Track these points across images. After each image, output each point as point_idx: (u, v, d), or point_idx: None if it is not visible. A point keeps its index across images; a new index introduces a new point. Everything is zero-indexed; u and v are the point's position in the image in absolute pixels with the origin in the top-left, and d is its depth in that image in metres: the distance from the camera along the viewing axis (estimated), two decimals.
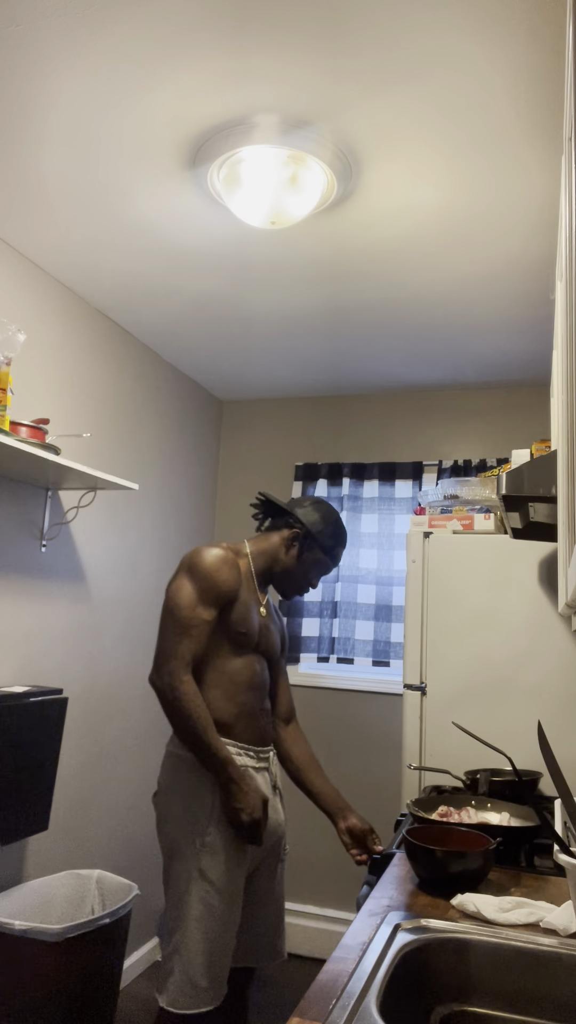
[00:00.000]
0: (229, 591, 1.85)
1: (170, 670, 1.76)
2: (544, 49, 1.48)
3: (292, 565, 2.00)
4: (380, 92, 1.62)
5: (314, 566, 2.02)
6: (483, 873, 1.41)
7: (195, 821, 1.77)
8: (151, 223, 2.21)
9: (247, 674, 1.90)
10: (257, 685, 1.93)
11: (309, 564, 2.01)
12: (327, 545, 2.01)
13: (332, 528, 2.01)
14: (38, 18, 1.47)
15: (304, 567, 2.01)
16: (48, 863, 2.51)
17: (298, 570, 2.00)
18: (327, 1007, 0.96)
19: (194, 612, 1.80)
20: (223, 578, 1.84)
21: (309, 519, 2.01)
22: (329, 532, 2.01)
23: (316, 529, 1.99)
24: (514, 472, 1.70)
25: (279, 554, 2.00)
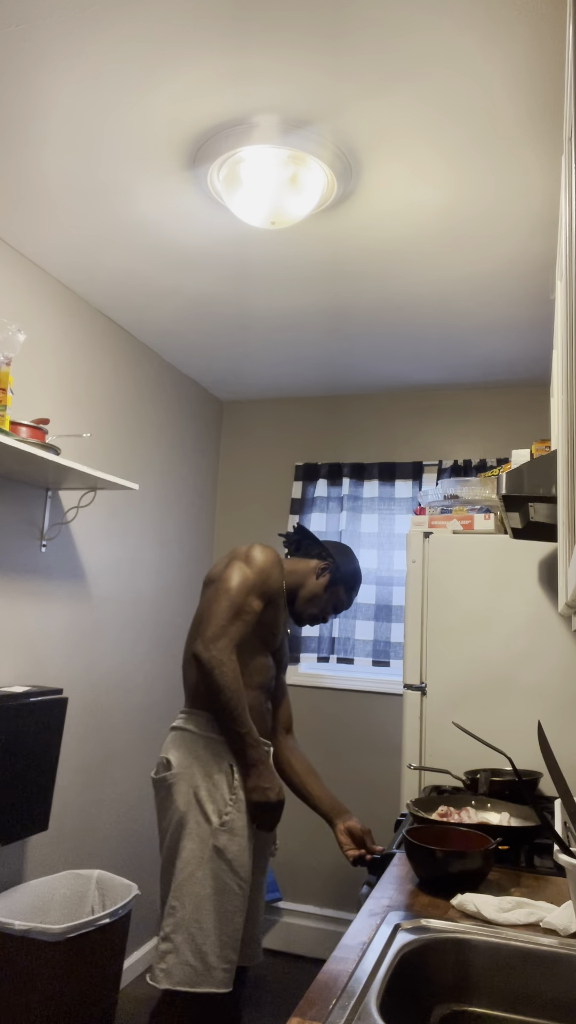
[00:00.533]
0: (275, 591, 1.98)
1: (221, 646, 1.83)
2: (544, 49, 1.48)
3: (318, 592, 2.11)
4: (380, 92, 1.62)
5: (334, 599, 2.14)
6: (483, 873, 1.41)
7: (212, 800, 1.81)
8: (151, 223, 2.21)
9: (263, 672, 2.00)
10: (268, 685, 2.03)
11: (331, 596, 2.13)
12: (350, 584, 2.14)
13: (356, 569, 2.17)
14: (38, 18, 1.47)
15: (327, 597, 2.13)
16: (48, 863, 2.51)
17: (321, 598, 2.12)
18: (327, 1007, 0.96)
19: (248, 598, 1.90)
20: (275, 577, 1.98)
21: (338, 555, 2.16)
22: (353, 572, 2.16)
23: (344, 567, 2.14)
24: (514, 472, 1.70)
25: (308, 579, 2.12)
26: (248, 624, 1.91)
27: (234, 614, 1.87)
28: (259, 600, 1.94)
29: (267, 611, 1.98)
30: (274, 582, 1.98)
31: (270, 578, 1.96)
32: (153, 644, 3.22)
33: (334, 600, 2.14)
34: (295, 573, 2.13)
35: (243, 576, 1.92)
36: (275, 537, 3.75)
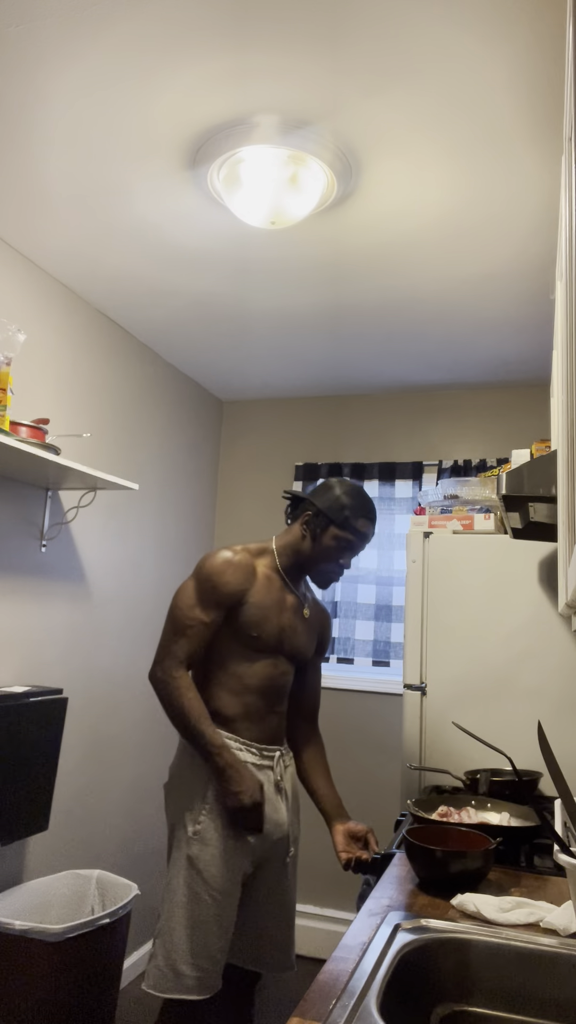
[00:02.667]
0: (232, 594, 1.83)
1: (164, 667, 1.80)
2: (545, 48, 1.48)
3: (313, 551, 1.92)
4: (380, 92, 1.62)
5: (336, 545, 1.90)
6: (483, 873, 1.41)
7: (189, 809, 1.80)
8: (151, 223, 2.21)
9: (260, 676, 1.88)
10: (271, 688, 1.90)
11: (329, 545, 1.90)
12: (342, 519, 1.88)
13: (348, 500, 1.90)
14: (38, 18, 1.47)
15: (324, 549, 1.91)
16: (48, 863, 2.51)
17: (320, 554, 1.91)
18: (327, 1007, 0.96)
19: (191, 613, 1.82)
20: (225, 580, 1.83)
21: (322, 497, 1.92)
22: (344, 505, 1.89)
23: (327, 505, 1.90)
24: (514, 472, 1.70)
25: (301, 545, 1.94)
26: (198, 638, 1.81)
27: (177, 632, 1.81)
28: (209, 611, 1.82)
29: (236, 616, 1.85)
30: (227, 585, 1.83)
31: (218, 585, 1.82)
32: (153, 644, 3.22)
33: (337, 547, 1.90)
34: (287, 548, 1.96)
35: (186, 592, 1.85)
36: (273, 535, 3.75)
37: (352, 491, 1.92)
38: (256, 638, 1.86)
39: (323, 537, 1.90)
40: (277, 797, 1.90)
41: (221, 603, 1.83)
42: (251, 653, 1.87)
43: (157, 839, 3.22)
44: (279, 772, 1.90)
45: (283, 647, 1.92)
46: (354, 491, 1.92)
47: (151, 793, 3.17)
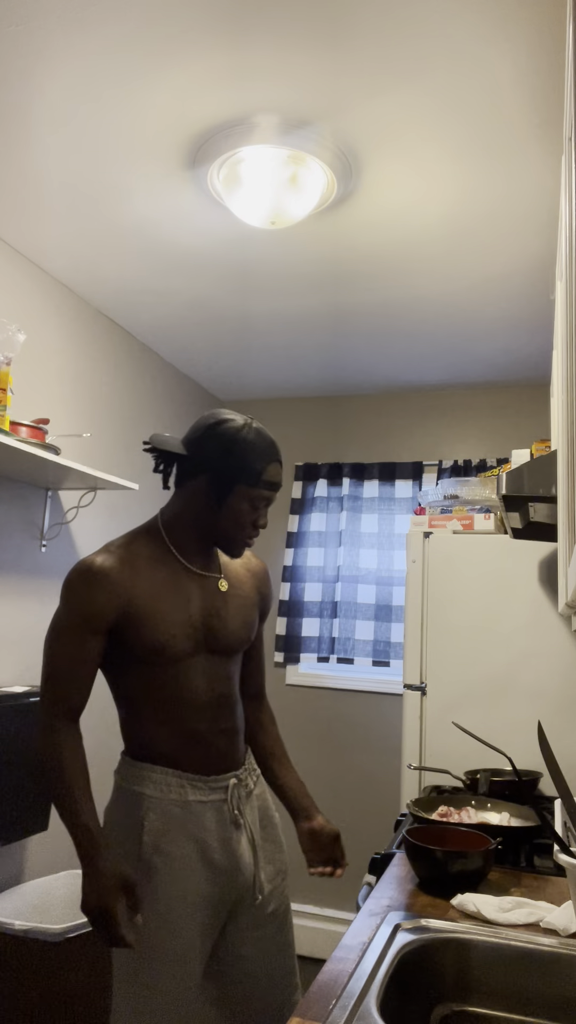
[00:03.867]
0: (103, 612, 1.41)
1: (42, 722, 1.43)
2: (545, 48, 1.48)
3: (220, 520, 1.49)
4: (380, 92, 1.62)
5: (249, 506, 1.49)
6: (483, 873, 1.41)
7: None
8: (151, 223, 2.21)
9: (188, 692, 1.48)
10: (208, 702, 1.50)
11: (240, 507, 1.48)
12: (253, 474, 1.46)
13: (248, 447, 1.46)
14: (38, 18, 1.47)
15: (236, 514, 1.49)
16: (48, 863, 2.51)
17: (232, 522, 1.49)
18: (327, 1007, 0.96)
19: (61, 649, 1.42)
20: (90, 598, 1.41)
21: (212, 451, 1.46)
22: (247, 455, 1.45)
23: (227, 461, 1.45)
24: (514, 472, 1.70)
25: (199, 513, 1.51)
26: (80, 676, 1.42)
27: (51, 675, 1.42)
28: (85, 639, 1.41)
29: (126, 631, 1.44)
30: (93, 603, 1.40)
31: (81, 605, 1.40)
32: None
33: (247, 508, 1.49)
34: (178, 521, 1.53)
35: (53, 623, 1.45)
36: (275, 537, 3.75)
37: (249, 434, 1.47)
38: (162, 648, 1.44)
39: (230, 500, 1.47)
40: (237, 834, 1.50)
41: (96, 627, 1.42)
42: (166, 668, 1.47)
43: None
44: (235, 804, 1.51)
45: (205, 645, 1.51)
46: (252, 432, 1.47)
47: None
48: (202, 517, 1.51)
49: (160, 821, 1.42)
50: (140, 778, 1.46)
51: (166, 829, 1.42)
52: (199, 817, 1.45)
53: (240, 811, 1.52)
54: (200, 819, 1.45)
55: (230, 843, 1.48)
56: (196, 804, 1.46)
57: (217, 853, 1.45)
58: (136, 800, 1.45)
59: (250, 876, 1.51)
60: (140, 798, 1.45)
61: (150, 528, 1.55)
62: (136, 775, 1.47)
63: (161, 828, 1.42)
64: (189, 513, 1.52)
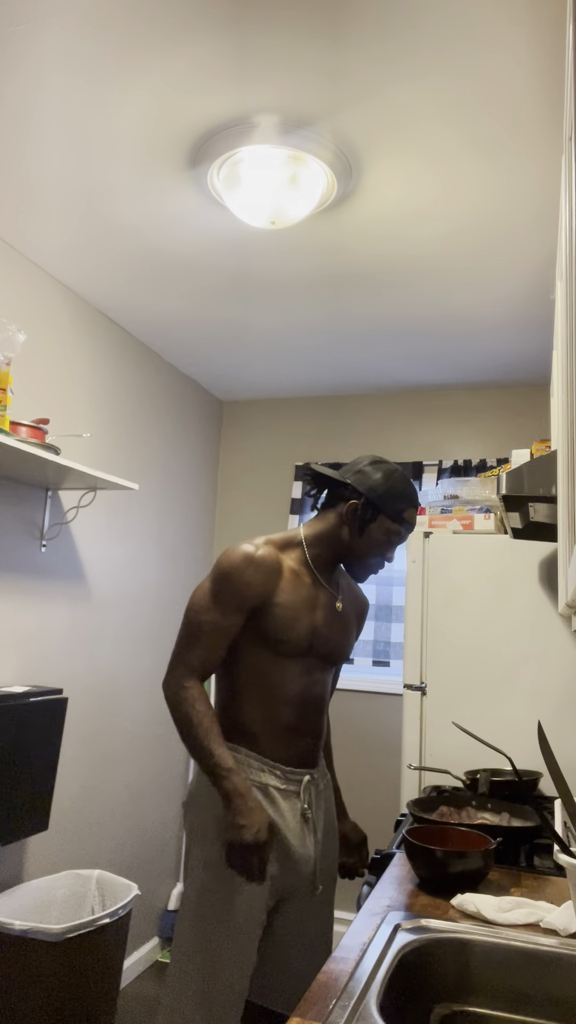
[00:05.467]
0: (255, 595, 1.61)
1: (175, 675, 1.61)
2: (545, 48, 1.48)
3: (357, 544, 1.68)
4: (380, 92, 1.62)
5: (385, 538, 1.68)
6: (483, 873, 1.41)
7: (203, 835, 1.59)
8: (151, 223, 2.21)
9: (292, 686, 1.65)
10: (303, 700, 1.66)
11: (378, 538, 1.67)
12: (395, 510, 1.66)
13: (398, 487, 1.67)
14: (38, 18, 1.47)
15: (372, 543, 1.68)
16: (48, 863, 2.51)
17: (366, 548, 1.68)
18: (327, 1007, 0.96)
19: (207, 616, 1.61)
20: (246, 580, 1.60)
21: (367, 483, 1.67)
22: (395, 494, 1.66)
23: (377, 494, 1.65)
24: (514, 472, 1.70)
25: (340, 534, 1.70)
26: (214, 644, 1.60)
27: (190, 637, 1.61)
28: (229, 613, 1.60)
29: (260, 618, 1.62)
30: (248, 586, 1.60)
31: (238, 584, 1.59)
32: (153, 644, 3.22)
33: (386, 539, 1.68)
34: (320, 539, 1.71)
35: (200, 592, 1.63)
36: None
37: (400, 477, 1.69)
38: (284, 642, 1.63)
39: (371, 529, 1.67)
40: (303, 828, 1.64)
41: (242, 605, 1.61)
42: (279, 659, 1.65)
43: (157, 839, 3.22)
44: (307, 799, 1.65)
45: (315, 650, 1.68)
46: (402, 477, 1.69)
47: (151, 793, 3.17)
48: (341, 541, 1.70)
49: None
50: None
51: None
52: (275, 801, 1.60)
53: (310, 806, 1.66)
54: (276, 803, 1.60)
55: (299, 832, 1.62)
56: (273, 789, 1.61)
57: (288, 838, 1.59)
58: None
59: (310, 869, 1.64)
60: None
61: (294, 539, 1.73)
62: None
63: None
64: (330, 534, 1.71)
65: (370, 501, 1.66)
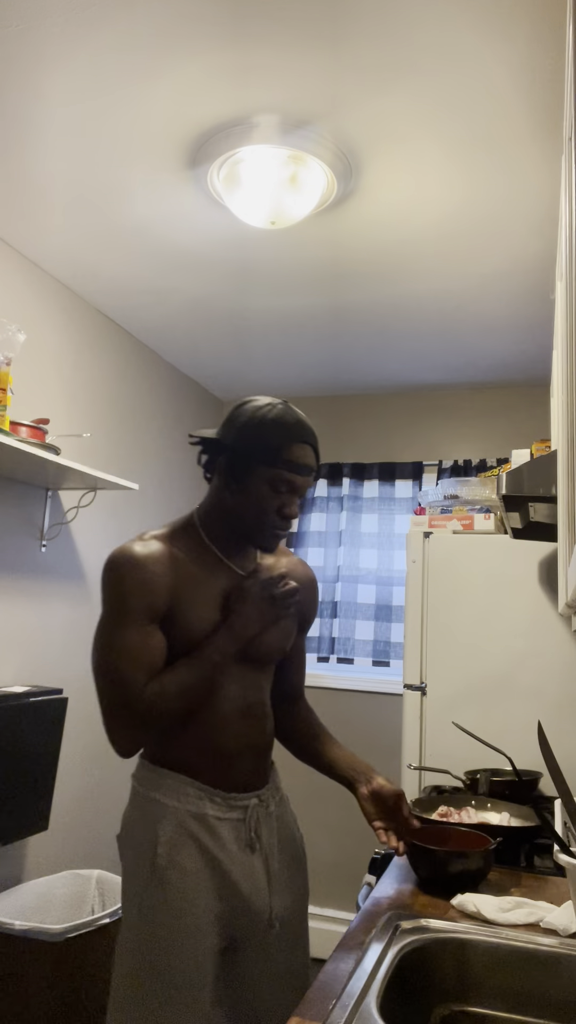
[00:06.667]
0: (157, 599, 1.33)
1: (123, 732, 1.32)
2: (545, 48, 1.48)
3: (242, 506, 1.38)
4: (380, 92, 1.62)
5: (269, 490, 1.36)
6: (483, 873, 1.41)
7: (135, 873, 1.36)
8: (151, 223, 2.21)
9: (220, 699, 1.39)
10: (240, 711, 1.41)
11: (260, 491, 1.36)
12: (269, 452, 1.33)
13: (269, 425, 1.34)
14: (38, 18, 1.47)
15: (256, 499, 1.36)
16: (48, 863, 2.51)
17: (252, 507, 1.37)
18: (327, 1007, 0.96)
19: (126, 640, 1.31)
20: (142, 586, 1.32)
21: (232, 430, 1.37)
22: (266, 432, 1.34)
23: (244, 439, 1.35)
24: (514, 472, 1.70)
25: (223, 501, 1.40)
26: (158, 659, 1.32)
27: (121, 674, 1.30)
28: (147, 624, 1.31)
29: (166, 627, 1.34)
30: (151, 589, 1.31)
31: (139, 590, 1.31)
32: None
33: (267, 491, 1.35)
34: (213, 510, 1.43)
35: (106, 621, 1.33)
36: None
37: (273, 411, 1.36)
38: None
39: (249, 483, 1.36)
40: (251, 859, 1.39)
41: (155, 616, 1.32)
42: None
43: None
44: (253, 826, 1.40)
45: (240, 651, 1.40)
46: (276, 411, 1.36)
47: None
48: (228, 506, 1.40)
49: (175, 831, 1.34)
50: (157, 784, 1.38)
51: (181, 841, 1.34)
52: (215, 832, 1.36)
53: (257, 834, 1.41)
54: (216, 835, 1.36)
55: (245, 865, 1.38)
56: (213, 819, 1.37)
57: (232, 873, 1.35)
58: (152, 808, 1.37)
59: (263, 904, 1.39)
60: (156, 806, 1.37)
61: (186, 522, 1.45)
62: (153, 781, 1.39)
63: (176, 839, 1.33)
64: (218, 503, 1.42)
65: (237, 450, 1.35)
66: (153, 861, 1.33)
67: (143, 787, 1.40)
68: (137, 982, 1.28)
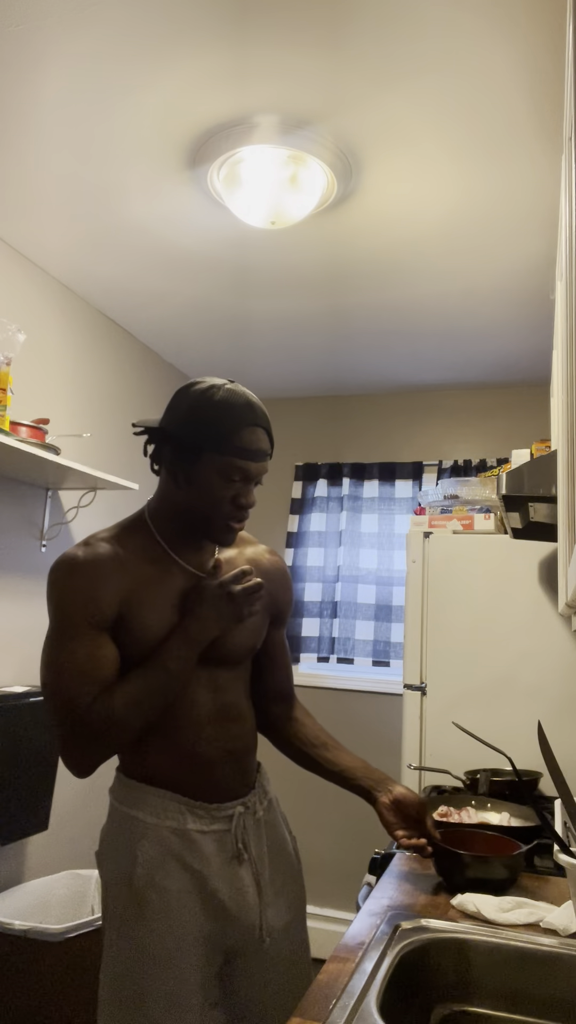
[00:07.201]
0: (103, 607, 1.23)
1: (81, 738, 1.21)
2: (546, 48, 1.48)
3: (192, 498, 1.28)
4: (380, 92, 1.62)
5: (221, 479, 1.25)
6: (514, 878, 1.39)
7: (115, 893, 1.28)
8: (151, 223, 2.21)
9: (185, 701, 1.30)
10: (213, 715, 1.33)
11: (212, 480, 1.26)
12: (218, 439, 1.23)
13: (217, 409, 1.23)
14: (38, 18, 1.47)
15: (208, 489, 1.26)
16: (48, 863, 2.51)
17: (204, 499, 1.27)
18: (327, 1007, 0.96)
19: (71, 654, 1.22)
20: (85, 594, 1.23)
21: (176, 418, 1.26)
22: (212, 418, 1.23)
23: (190, 427, 1.24)
24: (514, 472, 1.70)
25: (172, 494, 1.31)
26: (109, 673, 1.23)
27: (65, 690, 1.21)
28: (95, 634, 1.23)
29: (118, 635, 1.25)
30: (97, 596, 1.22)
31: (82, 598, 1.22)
32: None
33: (217, 480, 1.25)
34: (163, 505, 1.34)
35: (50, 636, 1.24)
36: (275, 537, 3.75)
37: (219, 394, 1.25)
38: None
39: (199, 472, 1.26)
40: (239, 872, 1.31)
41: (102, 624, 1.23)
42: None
43: None
44: (239, 835, 1.33)
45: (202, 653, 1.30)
46: (221, 391, 1.25)
47: None
48: (178, 500, 1.30)
49: (155, 850, 1.26)
50: (134, 800, 1.30)
51: (161, 860, 1.26)
52: (198, 848, 1.28)
53: (245, 844, 1.33)
54: (199, 850, 1.28)
55: (232, 879, 1.30)
56: (195, 833, 1.29)
57: (218, 889, 1.28)
58: (130, 825, 1.29)
59: (254, 917, 1.32)
60: (134, 823, 1.29)
61: (136, 519, 1.35)
62: (130, 796, 1.31)
63: (156, 858, 1.26)
64: (169, 497, 1.32)
65: (182, 438, 1.25)
66: (132, 882, 1.25)
67: (120, 803, 1.33)
68: (121, 1009, 1.21)
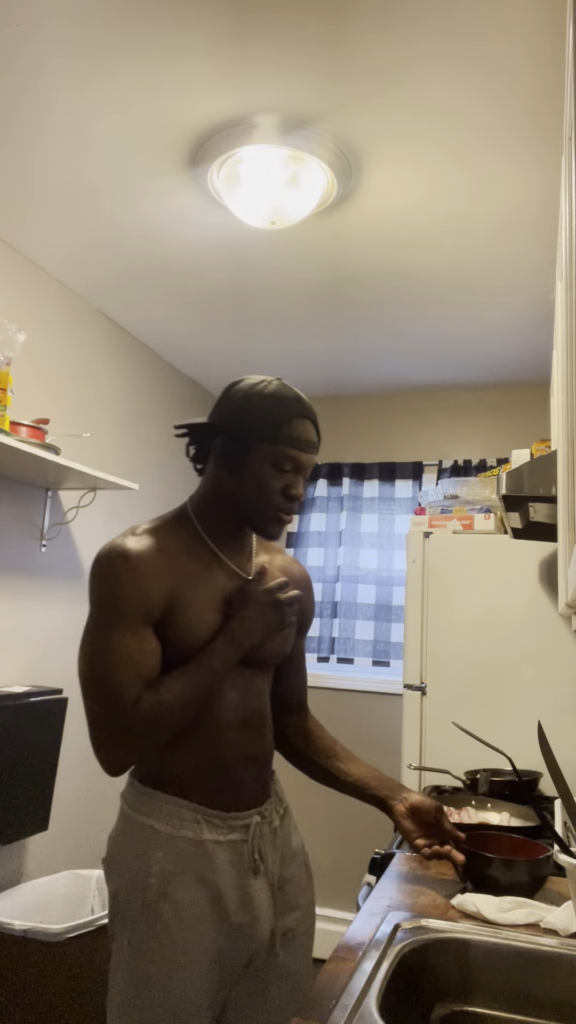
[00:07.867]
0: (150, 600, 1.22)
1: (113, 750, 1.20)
2: (545, 48, 1.48)
3: (242, 489, 1.29)
4: (380, 92, 1.62)
5: (272, 469, 1.27)
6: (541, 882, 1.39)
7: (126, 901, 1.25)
8: (151, 223, 2.21)
9: (220, 708, 1.28)
10: (241, 720, 1.30)
11: (263, 471, 1.27)
12: (269, 429, 1.26)
13: (267, 401, 1.27)
14: (38, 18, 1.47)
15: (259, 480, 1.27)
16: (48, 863, 2.51)
17: (255, 490, 1.28)
18: (327, 1007, 0.96)
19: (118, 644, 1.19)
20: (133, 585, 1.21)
21: (227, 411, 1.29)
22: (263, 408, 1.26)
23: (240, 418, 1.27)
24: (514, 472, 1.70)
25: (221, 487, 1.31)
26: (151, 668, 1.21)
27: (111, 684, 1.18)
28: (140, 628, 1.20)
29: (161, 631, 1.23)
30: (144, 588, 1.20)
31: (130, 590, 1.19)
32: None
33: (271, 471, 1.27)
34: (207, 500, 1.34)
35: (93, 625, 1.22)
36: None
37: (268, 389, 1.28)
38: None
39: (250, 463, 1.27)
40: (254, 883, 1.28)
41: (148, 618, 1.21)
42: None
43: None
44: (256, 845, 1.29)
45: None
46: (272, 388, 1.29)
47: None
48: (227, 491, 1.30)
49: (169, 861, 1.22)
50: (148, 808, 1.26)
51: (175, 871, 1.21)
52: (212, 859, 1.24)
53: (261, 855, 1.29)
54: (214, 862, 1.24)
55: (247, 891, 1.26)
56: (211, 844, 1.25)
57: (232, 902, 1.24)
58: (143, 834, 1.25)
59: (268, 930, 1.29)
60: (147, 832, 1.24)
61: (179, 514, 1.35)
62: (144, 804, 1.27)
63: (170, 870, 1.21)
64: (215, 491, 1.32)
65: (234, 430, 1.27)
66: (144, 894, 1.21)
67: (133, 810, 1.28)
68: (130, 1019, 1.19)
